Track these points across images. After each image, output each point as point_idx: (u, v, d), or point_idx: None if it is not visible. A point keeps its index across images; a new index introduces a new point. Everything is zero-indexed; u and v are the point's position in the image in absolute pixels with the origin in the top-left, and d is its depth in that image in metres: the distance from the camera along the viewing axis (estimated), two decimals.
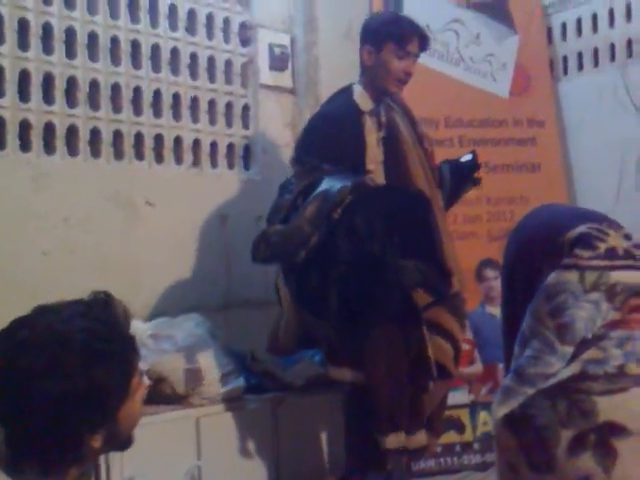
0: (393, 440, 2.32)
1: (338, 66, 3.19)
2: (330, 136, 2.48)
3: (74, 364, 1.12)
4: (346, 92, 2.61)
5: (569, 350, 0.90)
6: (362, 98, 2.56)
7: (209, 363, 2.39)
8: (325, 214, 2.29)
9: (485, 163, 3.00)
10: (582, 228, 1.00)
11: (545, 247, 1.01)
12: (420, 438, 2.40)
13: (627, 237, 1.01)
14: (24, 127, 2.54)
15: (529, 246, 1.04)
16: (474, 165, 2.72)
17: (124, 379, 1.19)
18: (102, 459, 2.17)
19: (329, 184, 2.34)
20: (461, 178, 2.73)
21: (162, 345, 2.45)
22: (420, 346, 2.38)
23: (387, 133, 2.56)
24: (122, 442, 1.25)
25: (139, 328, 2.57)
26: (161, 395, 2.39)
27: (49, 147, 2.60)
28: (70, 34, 2.65)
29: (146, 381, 1.29)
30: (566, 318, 0.92)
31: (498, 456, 0.93)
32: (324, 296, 2.36)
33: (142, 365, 1.28)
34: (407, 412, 2.37)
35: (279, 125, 3.27)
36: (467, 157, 2.73)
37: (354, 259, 2.31)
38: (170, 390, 2.39)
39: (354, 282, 2.32)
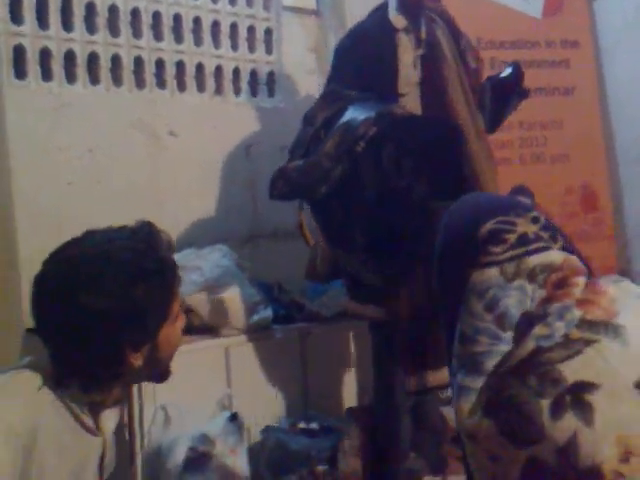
0: (415, 382, 2.31)
1: None
2: (359, 58, 2.38)
3: (118, 280, 1.15)
4: (381, 9, 2.48)
5: (511, 334, 1.00)
6: (397, 15, 2.44)
7: (236, 294, 2.39)
8: (347, 148, 2.21)
9: None
10: (491, 224, 1.07)
11: (463, 247, 1.09)
12: (442, 375, 2.37)
13: (535, 220, 1.08)
14: (44, 55, 2.48)
15: (451, 245, 1.12)
16: (516, 77, 2.50)
17: (165, 301, 1.21)
18: (135, 389, 2.20)
19: (353, 114, 2.25)
20: (504, 94, 2.55)
21: (189, 276, 2.44)
22: None
23: (426, 50, 2.43)
24: (161, 370, 1.28)
25: None
26: (190, 326, 2.41)
27: (70, 76, 2.55)
28: None
29: (183, 313, 1.31)
30: (501, 309, 1.02)
31: (474, 452, 0.98)
32: (349, 231, 2.33)
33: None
34: (431, 350, 2.35)
35: (303, 50, 3.16)
36: (507, 70, 2.57)
37: (380, 195, 2.25)
38: (199, 320, 2.41)
39: (380, 219, 2.27)
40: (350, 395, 2.65)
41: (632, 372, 0.92)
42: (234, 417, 2.25)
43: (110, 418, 1.27)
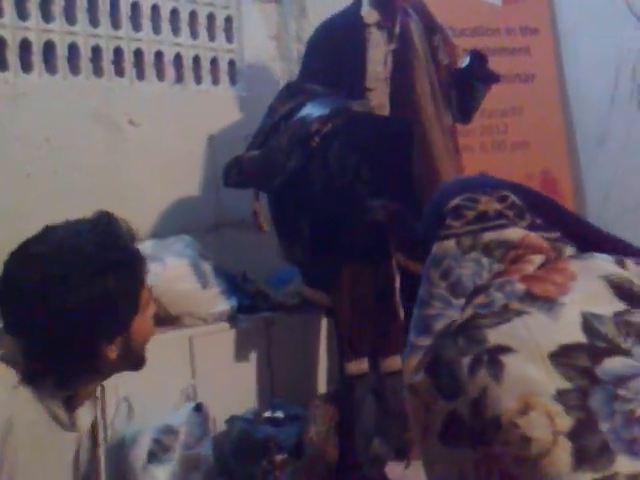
0: (354, 367, 2.35)
1: None
2: (327, 52, 2.38)
3: (87, 273, 1.15)
4: (356, 4, 2.48)
5: (462, 302, 1.09)
6: (370, 10, 2.43)
7: (199, 284, 2.38)
8: (301, 143, 2.22)
9: None
10: (456, 200, 1.17)
11: (432, 220, 1.19)
12: (393, 362, 2.39)
13: (501, 199, 1.16)
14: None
15: (425, 220, 1.23)
16: (476, 64, 2.51)
17: (133, 290, 1.22)
18: None
19: (309, 110, 2.26)
20: (466, 83, 2.55)
21: (152, 267, 2.42)
22: (388, 279, 2.36)
23: (399, 45, 2.44)
24: (136, 359, 1.28)
25: None
26: (154, 316, 2.39)
27: (26, 65, 2.50)
28: None
29: (152, 300, 1.31)
30: (453, 277, 1.12)
31: (415, 406, 1.07)
32: (297, 223, 2.34)
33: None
34: (373, 338, 2.38)
35: (264, 38, 3.15)
36: (466, 60, 2.55)
37: (325, 192, 2.27)
38: (162, 311, 2.39)
39: (326, 215, 2.29)
40: (315, 383, 2.66)
41: (550, 344, 0.99)
42: (198, 407, 2.24)
43: (86, 413, 1.27)
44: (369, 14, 2.44)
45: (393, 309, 2.37)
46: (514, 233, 1.13)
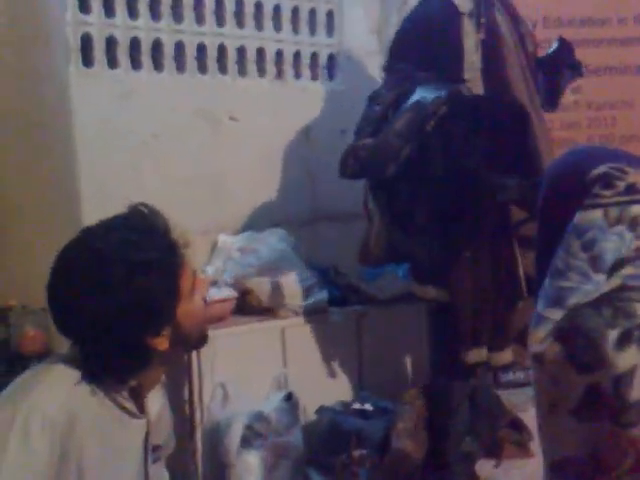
0: (474, 355, 2.33)
1: None
2: (425, 41, 2.36)
3: (115, 278, 1.18)
4: None
5: (602, 277, 1.04)
6: None
7: (291, 277, 2.44)
8: (417, 127, 2.21)
9: (586, 65, 2.80)
10: (603, 168, 1.11)
11: (571, 188, 1.12)
12: (506, 356, 2.39)
13: None
14: (111, 43, 2.56)
15: (558, 188, 1.16)
16: (564, 51, 2.48)
17: (169, 282, 1.23)
18: (195, 366, 2.29)
19: (422, 94, 2.24)
20: (554, 70, 2.52)
21: (247, 259, 2.51)
22: (511, 265, 2.33)
23: (486, 35, 2.41)
24: (194, 341, 1.32)
25: (226, 241, 2.65)
26: (248, 306, 2.48)
27: (135, 63, 2.62)
28: None
29: (204, 278, 1.35)
30: (596, 250, 1.06)
31: (539, 377, 1.03)
32: (413, 212, 2.33)
33: (199, 268, 1.30)
34: (490, 329, 2.36)
35: (365, 31, 3.15)
36: (554, 46, 2.51)
37: (448, 175, 2.25)
38: (256, 302, 2.47)
39: (447, 199, 2.27)
40: (405, 377, 2.67)
41: None
42: (289, 396, 2.31)
43: (154, 399, 1.33)
44: (463, 2, 2.40)
45: (517, 293, 2.34)
46: None
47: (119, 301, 1.17)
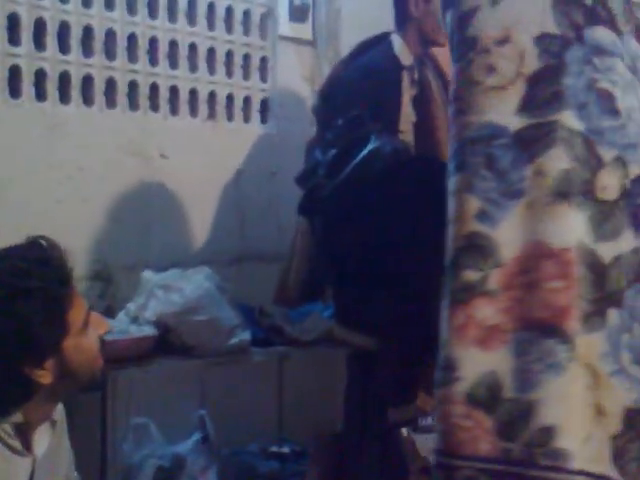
0: (401, 413, 2.31)
1: (360, 19, 3.12)
2: (369, 91, 2.40)
3: None
4: (383, 43, 2.50)
5: None
6: (403, 51, 2.47)
7: (214, 316, 2.42)
8: (373, 176, 2.21)
9: None
10: None
11: None
12: (429, 402, 2.36)
13: None
14: (39, 76, 2.55)
15: None
16: None
17: (53, 313, 1.21)
18: (110, 406, 2.23)
19: (379, 142, 2.25)
20: None
21: (171, 296, 2.47)
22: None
23: (418, 91, 2.48)
24: (84, 377, 1.28)
25: (150, 278, 2.62)
26: (169, 345, 2.44)
27: (64, 97, 2.61)
28: None
29: (100, 316, 1.32)
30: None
31: None
32: (349, 257, 2.34)
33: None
34: (421, 381, 2.35)
35: (298, 78, 3.23)
36: None
37: (395, 220, 2.25)
38: (177, 341, 2.43)
39: (389, 248, 2.27)
40: (325, 421, 2.66)
41: None
42: (206, 438, 2.27)
43: (42, 436, 1.28)
44: (404, 56, 2.47)
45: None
46: None
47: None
